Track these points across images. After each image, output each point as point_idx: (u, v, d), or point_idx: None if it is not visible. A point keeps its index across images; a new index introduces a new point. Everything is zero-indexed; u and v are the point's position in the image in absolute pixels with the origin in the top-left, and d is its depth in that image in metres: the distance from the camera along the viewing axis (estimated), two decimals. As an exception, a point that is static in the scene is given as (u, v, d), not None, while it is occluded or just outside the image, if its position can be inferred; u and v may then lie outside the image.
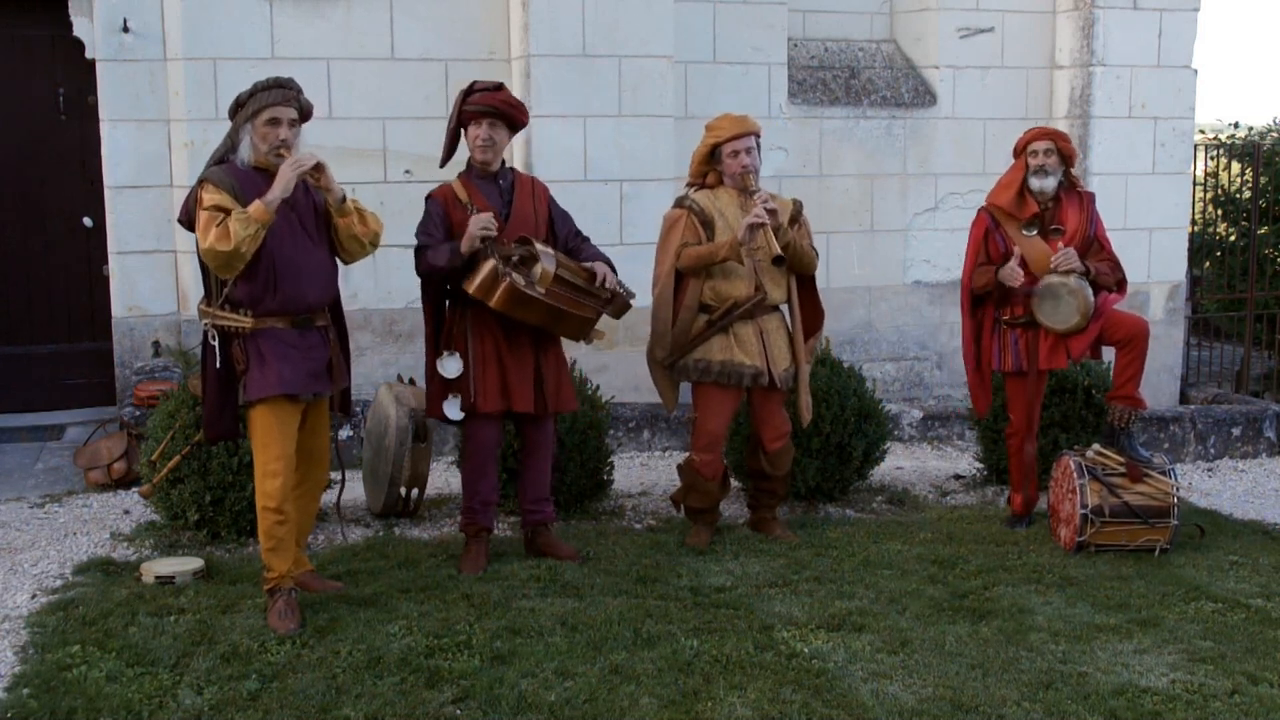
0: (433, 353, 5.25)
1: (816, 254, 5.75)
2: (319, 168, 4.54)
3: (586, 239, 5.43)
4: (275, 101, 4.54)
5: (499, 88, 5.23)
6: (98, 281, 7.78)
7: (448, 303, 5.28)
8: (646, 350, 5.67)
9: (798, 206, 5.70)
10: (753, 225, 5.28)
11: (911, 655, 4.40)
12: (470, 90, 5.19)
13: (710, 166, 5.57)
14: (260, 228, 4.40)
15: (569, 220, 5.43)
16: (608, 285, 5.20)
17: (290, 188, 4.48)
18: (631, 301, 5.36)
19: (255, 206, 4.40)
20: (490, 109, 5.16)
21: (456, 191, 5.19)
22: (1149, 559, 5.54)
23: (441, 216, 5.16)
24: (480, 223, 4.97)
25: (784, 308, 5.68)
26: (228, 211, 4.39)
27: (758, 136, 5.56)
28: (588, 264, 5.23)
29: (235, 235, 4.35)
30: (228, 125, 4.71)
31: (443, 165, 5.31)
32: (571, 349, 5.47)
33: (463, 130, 5.26)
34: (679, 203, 5.60)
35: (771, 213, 5.35)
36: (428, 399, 5.32)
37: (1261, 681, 4.22)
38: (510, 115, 5.22)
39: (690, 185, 5.66)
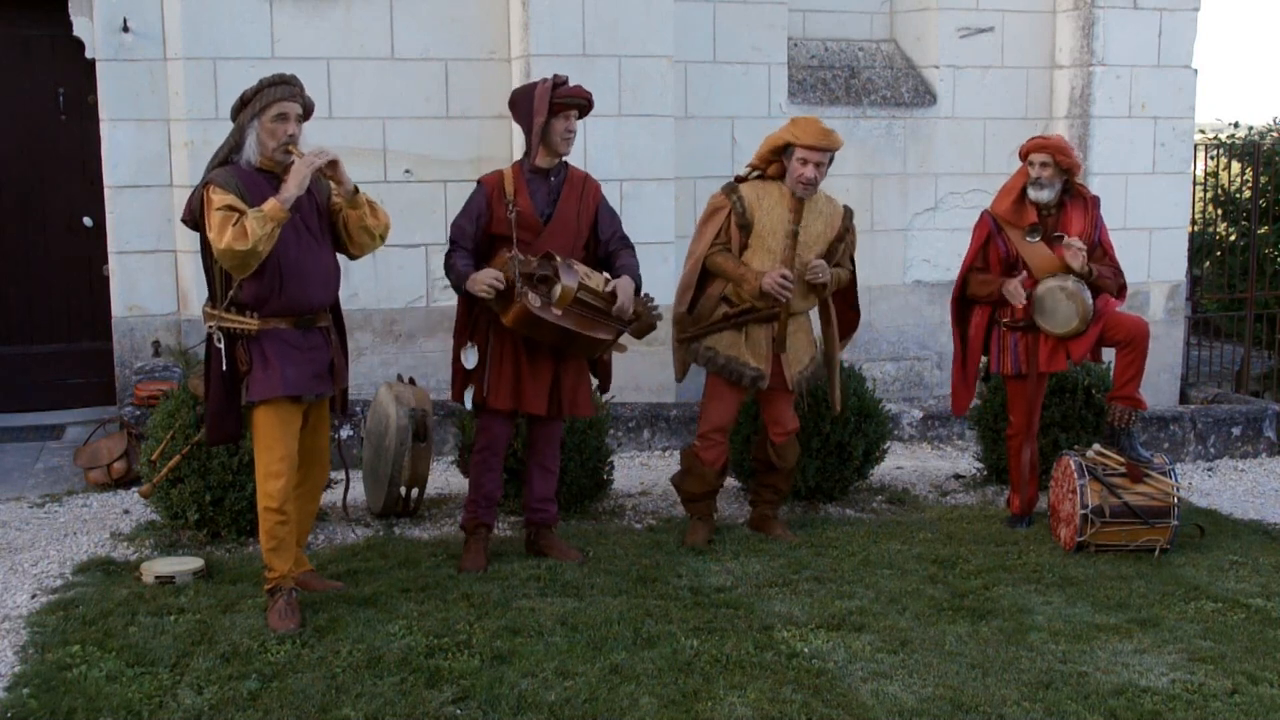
0: (460, 339, 5.29)
1: (852, 269, 5.74)
2: (334, 164, 4.56)
3: (629, 244, 5.38)
4: (283, 97, 4.54)
5: (567, 81, 5.27)
6: (98, 281, 7.77)
7: None
8: (671, 318, 5.71)
9: (848, 219, 5.65)
10: (771, 295, 5.37)
11: (911, 655, 4.40)
12: (556, 84, 5.19)
13: (777, 158, 5.55)
14: (276, 226, 4.40)
15: (616, 222, 5.40)
16: (623, 311, 5.14)
17: (306, 184, 4.49)
18: (658, 322, 5.34)
19: (271, 204, 4.40)
20: (583, 101, 5.21)
21: (505, 183, 5.19)
22: (1149, 559, 5.54)
23: (482, 208, 5.17)
24: (485, 283, 4.96)
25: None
26: (242, 211, 4.39)
27: (833, 153, 5.50)
28: (611, 285, 5.15)
29: (253, 234, 4.35)
30: (228, 125, 4.71)
31: (526, 162, 5.25)
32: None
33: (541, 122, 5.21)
34: (728, 190, 5.57)
35: (815, 279, 5.43)
36: (451, 384, 5.35)
37: (1261, 681, 4.23)
38: (591, 106, 5.30)
39: (751, 168, 5.65)
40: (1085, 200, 5.91)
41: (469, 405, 5.25)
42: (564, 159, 5.32)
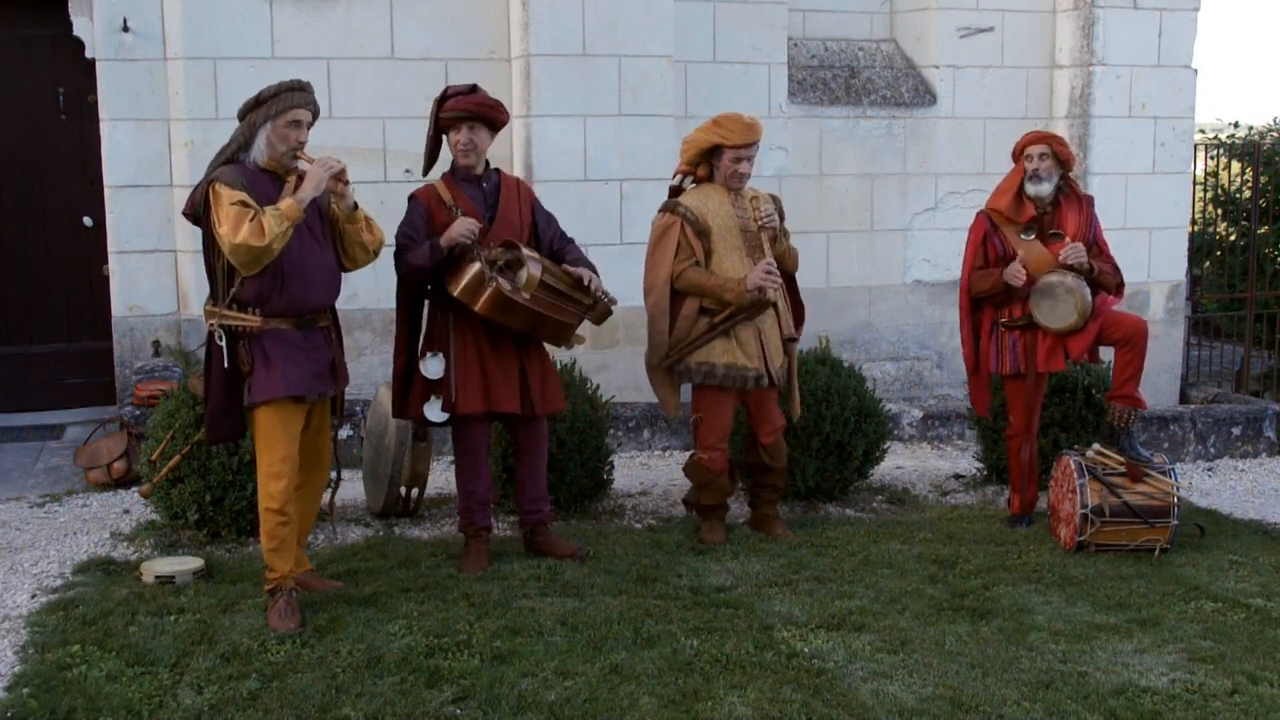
0: (403, 354, 5.24)
1: (797, 251, 5.82)
2: (342, 176, 4.58)
3: (570, 241, 5.41)
4: (300, 104, 4.56)
5: (473, 89, 5.22)
6: (98, 281, 7.77)
7: (427, 303, 5.28)
8: (645, 359, 5.67)
9: (779, 205, 5.76)
10: (763, 288, 5.39)
11: (911, 655, 4.40)
12: (445, 96, 5.18)
13: (705, 160, 5.57)
14: (291, 225, 4.41)
15: (553, 222, 5.41)
16: (597, 291, 5.18)
17: (322, 187, 4.51)
18: (613, 308, 5.35)
19: (288, 203, 4.42)
20: (467, 113, 5.14)
21: (440, 193, 5.19)
22: (1149, 559, 5.54)
23: (424, 218, 5.15)
24: (464, 226, 4.97)
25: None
26: (255, 208, 4.40)
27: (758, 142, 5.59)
28: (574, 270, 5.20)
29: (269, 231, 4.36)
30: (228, 125, 4.71)
31: (425, 173, 5.32)
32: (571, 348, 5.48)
33: (443, 136, 5.26)
34: (670, 208, 5.57)
35: (770, 224, 5.50)
36: (404, 402, 5.27)
37: (1261, 681, 4.23)
38: (489, 116, 5.19)
39: (681, 174, 5.65)
40: (1080, 199, 5.92)
41: (436, 419, 5.14)
42: (491, 166, 5.30)
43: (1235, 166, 11.51)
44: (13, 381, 7.79)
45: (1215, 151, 10.93)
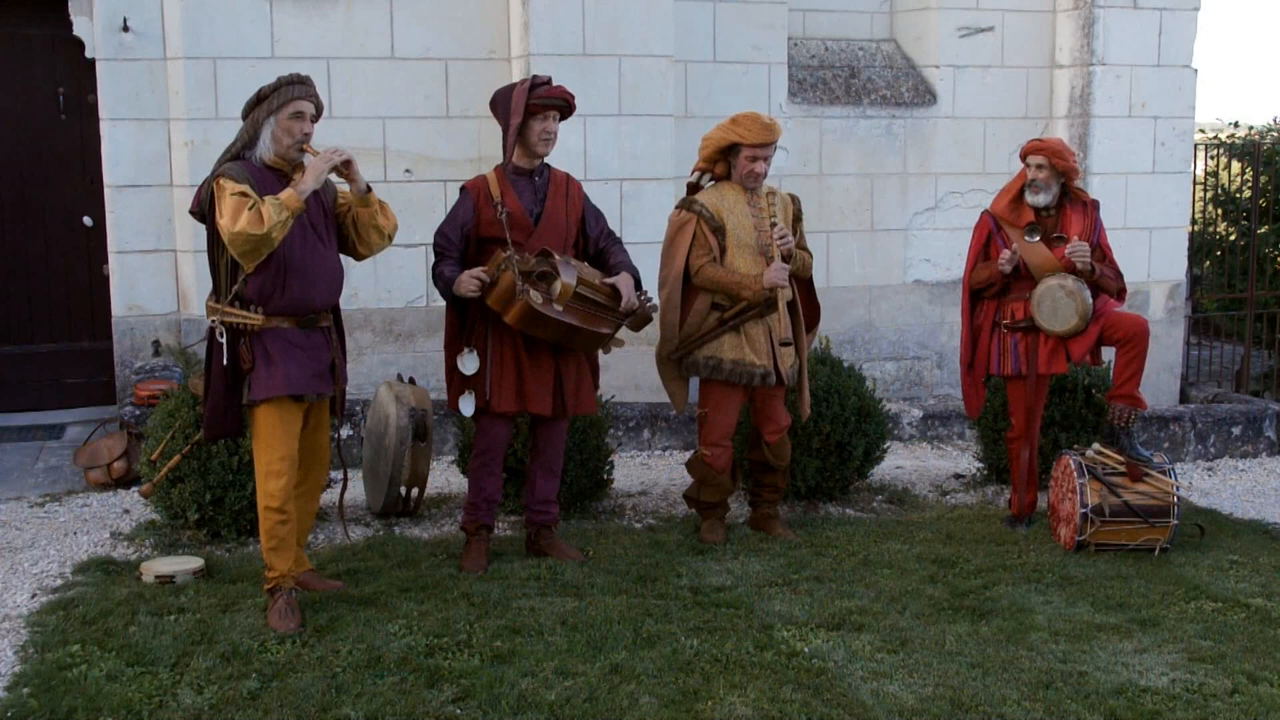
0: (453, 346, 5.27)
1: (811, 255, 5.81)
2: (348, 163, 4.59)
3: (618, 240, 5.42)
4: (300, 96, 4.57)
5: (549, 81, 5.25)
6: (98, 281, 7.77)
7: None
8: (656, 352, 5.69)
9: (798, 206, 5.75)
10: (778, 287, 5.40)
11: (911, 655, 4.40)
12: (534, 84, 5.18)
13: (722, 158, 5.58)
14: (291, 215, 4.41)
15: (602, 219, 5.43)
16: (629, 304, 5.17)
17: (322, 179, 4.52)
18: (653, 314, 5.35)
19: (288, 193, 4.42)
20: (562, 102, 5.17)
21: (490, 186, 5.20)
22: (1149, 558, 5.55)
23: (469, 214, 5.17)
24: (468, 285, 4.98)
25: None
26: (257, 198, 4.40)
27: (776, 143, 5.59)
28: (611, 280, 5.19)
29: (269, 220, 4.36)
30: (228, 125, 4.71)
31: (506, 164, 5.27)
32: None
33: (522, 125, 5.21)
34: (686, 205, 5.58)
35: (783, 244, 5.46)
36: (448, 391, 5.34)
37: (1261, 681, 4.23)
38: (573, 107, 5.25)
39: (699, 172, 5.66)
40: (1084, 204, 5.92)
41: (467, 412, 5.21)
42: (544, 160, 5.31)
43: (1235, 166, 11.51)
44: (13, 381, 7.80)
45: (1215, 151, 10.93)
